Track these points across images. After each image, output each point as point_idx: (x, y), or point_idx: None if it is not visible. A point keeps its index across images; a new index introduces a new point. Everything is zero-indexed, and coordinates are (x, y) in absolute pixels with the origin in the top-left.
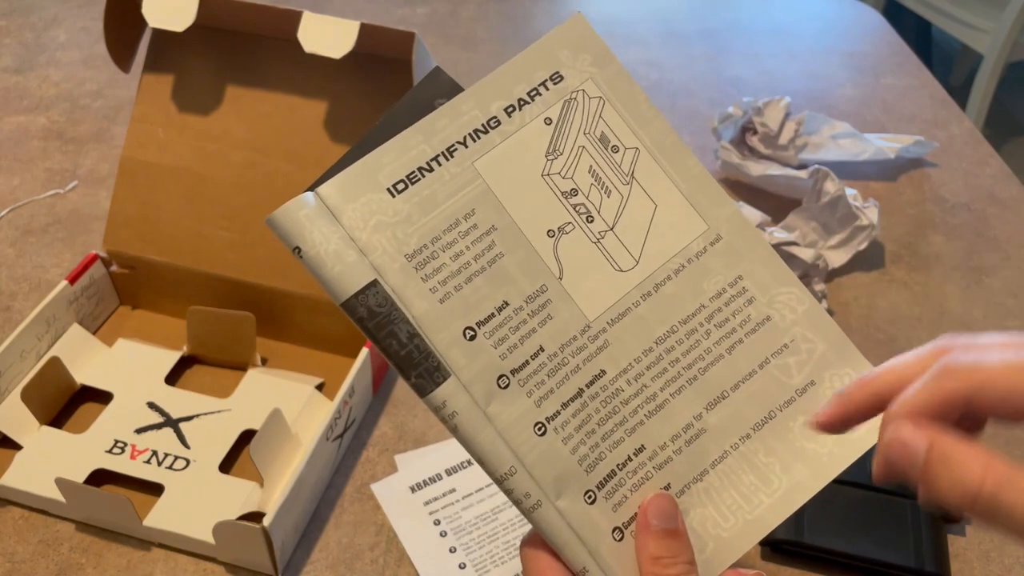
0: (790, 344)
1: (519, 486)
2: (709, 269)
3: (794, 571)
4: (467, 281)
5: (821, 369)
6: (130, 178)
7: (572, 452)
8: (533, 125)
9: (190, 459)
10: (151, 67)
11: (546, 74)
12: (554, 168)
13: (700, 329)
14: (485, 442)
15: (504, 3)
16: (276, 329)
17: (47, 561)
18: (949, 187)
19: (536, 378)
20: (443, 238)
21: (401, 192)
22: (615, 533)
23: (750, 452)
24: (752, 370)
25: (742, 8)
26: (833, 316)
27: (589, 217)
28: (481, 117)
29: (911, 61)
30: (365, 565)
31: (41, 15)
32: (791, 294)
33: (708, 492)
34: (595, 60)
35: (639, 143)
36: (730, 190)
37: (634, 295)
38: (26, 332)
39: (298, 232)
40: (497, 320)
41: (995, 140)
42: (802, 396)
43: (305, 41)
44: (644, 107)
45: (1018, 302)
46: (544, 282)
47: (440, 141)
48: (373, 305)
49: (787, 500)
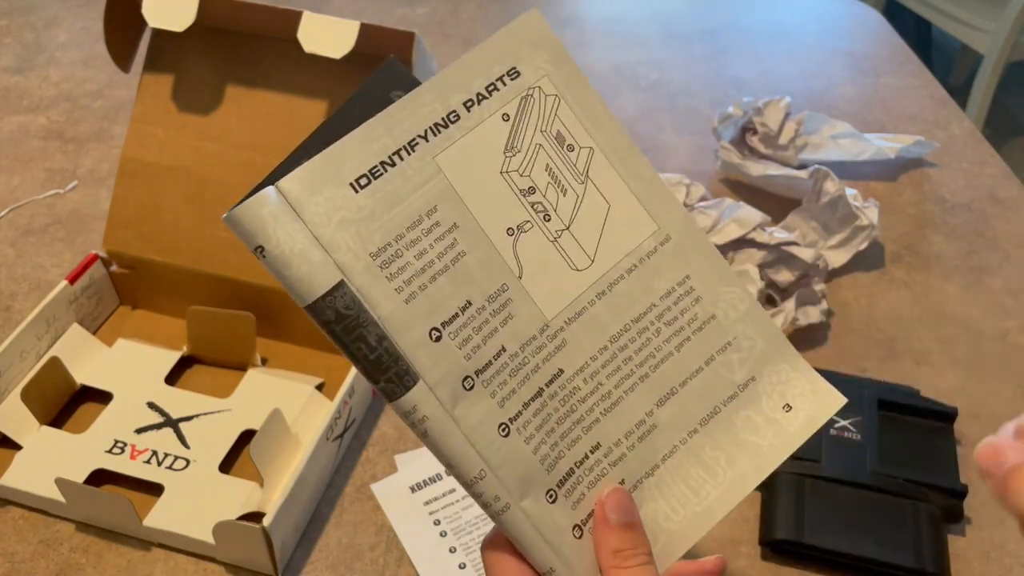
0: (733, 342)
1: (489, 489)
2: (659, 269)
3: (794, 571)
4: (431, 280)
5: (761, 365)
6: (130, 178)
7: (534, 452)
8: (491, 121)
9: (190, 459)
10: (151, 67)
11: (503, 69)
12: (512, 165)
13: (651, 327)
14: (455, 446)
15: (504, 3)
16: (276, 329)
17: (47, 561)
18: (949, 187)
19: (499, 378)
20: (407, 236)
21: (364, 187)
22: (575, 531)
23: (697, 446)
24: (699, 367)
25: (742, 8)
26: (833, 316)
27: (547, 216)
28: (441, 111)
29: (911, 61)
30: (365, 565)
31: (41, 15)
32: (734, 293)
33: (659, 486)
34: (551, 58)
35: (593, 143)
36: (730, 190)
37: (589, 294)
38: (26, 332)
39: (261, 230)
40: (461, 320)
41: (995, 140)
42: (744, 391)
43: (305, 41)
44: (598, 108)
45: (1018, 302)
46: (505, 281)
47: (402, 134)
48: (341, 307)
49: (732, 491)
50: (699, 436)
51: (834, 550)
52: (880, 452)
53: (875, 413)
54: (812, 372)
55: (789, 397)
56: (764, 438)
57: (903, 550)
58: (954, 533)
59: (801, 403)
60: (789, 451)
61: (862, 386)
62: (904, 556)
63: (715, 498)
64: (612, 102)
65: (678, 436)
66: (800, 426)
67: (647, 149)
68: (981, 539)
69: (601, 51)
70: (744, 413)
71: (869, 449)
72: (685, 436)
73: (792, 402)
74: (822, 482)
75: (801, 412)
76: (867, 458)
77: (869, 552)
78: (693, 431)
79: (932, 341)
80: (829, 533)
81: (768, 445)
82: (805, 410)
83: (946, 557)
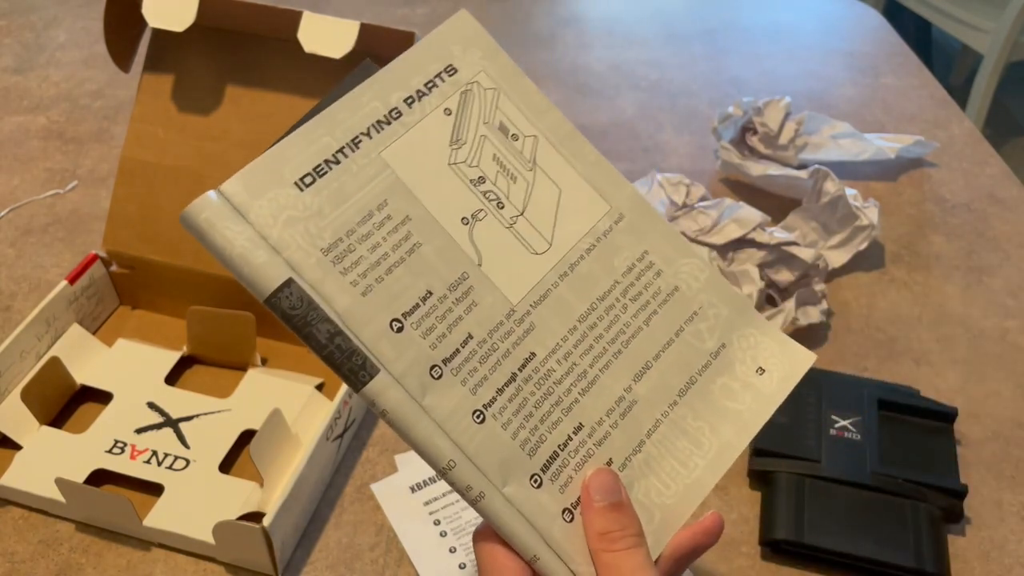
0: (699, 311)
1: (461, 478)
2: (618, 246)
3: (794, 571)
4: (388, 272)
5: (728, 331)
6: (130, 178)
7: (513, 437)
8: (434, 115)
9: (190, 459)
10: (151, 67)
11: (440, 67)
12: (459, 157)
13: (617, 304)
14: (422, 436)
15: (504, 3)
16: (276, 329)
17: (47, 561)
18: (949, 187)
19: (468, 366)
20: (358, 230)
21: (309, 186)
22: (565, 515)
23: (679, 418)
24: (669, 339)
25: (742, 8)
26: (833, 316)
27: (499, 203)
28: (382, 108)
29: (911, 61)
30: (365, 565)
31: (41, 15)
32: (693, 264)
33: (648, 462)
34: (485, 54)
35: (536, 131)
36: (730, 190)
37: (552, 276)
38: (26, 332)
39: (205, 233)
40: (423, 310)
41: (995, 140)
42: (716, 359)
43: (305, 41)
44: (536, 98)
45: (1018, 302)
46: (465, 269)
47: (343, 132)
48: (287, 307)
49: (720, 459)
50: (680, 408)
51: (834, 550)
52: (880, 452)
53: (875, 413)
54: (779, 333)
55: (761, 360)
56: (743, 403)
57: (903, 550)
58: (954, 533)
59: (773, 364)
60: (769, 413)
61: (862, 386)
62: (904, 556)
63: (704, 467)
64: (612, 102)
65: (659, 409)
66: (776, 387)
67: (647, 149)
68: (981, 539)
69: (601, 51)
70: (720, 380)
71: (869, 449)
72: (666, 409)
73: (764, 364)
74: (822, 482)
75: (775, 373)
76: (867, 458)
77: (869, 552)
78: (673, 403)
79: (932, 341)
80: (829, 533)
81: (748, 409)
82: (778, 371)
83: (946, 557)
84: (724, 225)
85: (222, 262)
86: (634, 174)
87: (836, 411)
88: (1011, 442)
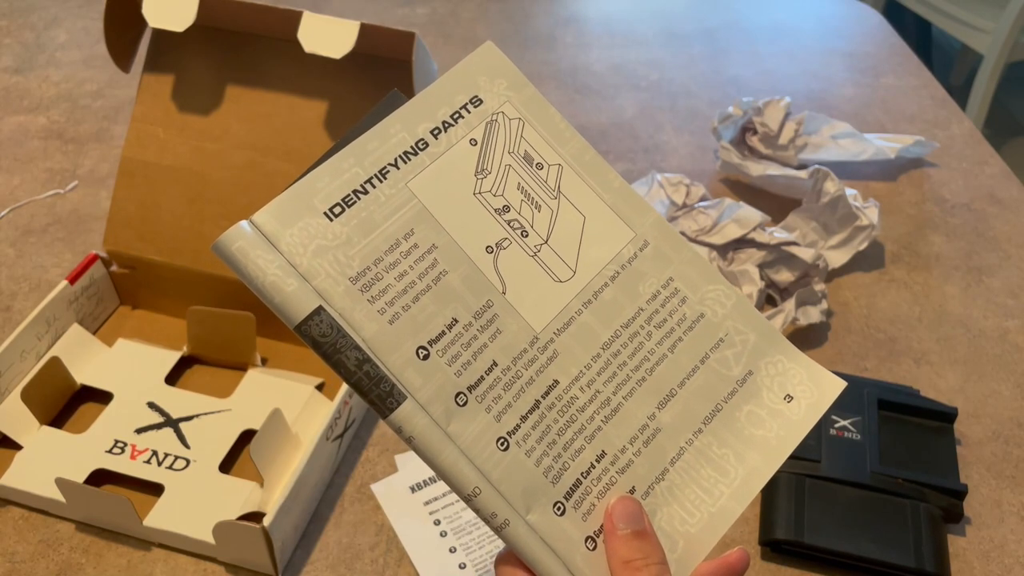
0: (725, 338)
1: (486, 505)
2: (642, 273)
3: (794, 571)
4: (414, 300)
5: (756, 358)
6: (130, 178)
7: (536, 464)
8: (460, 146)
9: (190, 459)
10: (151, 67)
11: (466, 98)
12: (484, 186)
13: (642, 331)
14: (447, 462)
15: (504, 3)
16: (276, 329)
17: (47, 561)
18: (949, 187)
19: (493, 393)
20: (386, 259)
21: (339, 215)
22: (588, 543)
23: (704, 446)
24: (695, 366)
25: (742, 8)
26: (833, 316)
27: (524, 232)
28: (409, 139)
29: (911, 61)
30: (365, 565)
31: (41, 15)
32: (719, 290)
33: (671, 490)
34: (510, 85)
35: (561, 160)
36: (730, 190)
37: (575, 304)
38: (26, 332)
39: (237, 262)
40: (448, 337)
41: (995, 140)
42: (743, 386)
43: (305, 41)
44: (561, 126)
45: (1018, 302)
46: (489, 297)
47: (372, 163)
48: (317, 335)
49: (745, 487)
50: (705, 435)
51: (834, 550)
52: (880, 452)
53: (875, 413)
54: (807, 360)
55: (789, 387)
56: (770, 430)
57: (903, 550)
58: (954, 533)
59: (801, 391)
60: (797, 440)
61: (862, 386)
62: (904, 556)
63: (729, 496)
64: (612, 102)
65: (683, 437)
66: (804, 414)
67: (647, 149)
68: (981, 539)
69: (601, 51)
70: (747, 408)
71: (869, 449)
72: (691, 437)
73: (793, 391)
74: (822, 482)
75: (803, 400)
76: (867, 458)
77: (869, 552)
78: (698, 431)
79: (932, 341)
80: (829, 533)
81: (775, 437)
82: (807, 398)
83: (946, 557)
84: (724, 225)
85: (254, 290)
86: (634, 174)
87: (836, 411)
88: (1011, 442)
